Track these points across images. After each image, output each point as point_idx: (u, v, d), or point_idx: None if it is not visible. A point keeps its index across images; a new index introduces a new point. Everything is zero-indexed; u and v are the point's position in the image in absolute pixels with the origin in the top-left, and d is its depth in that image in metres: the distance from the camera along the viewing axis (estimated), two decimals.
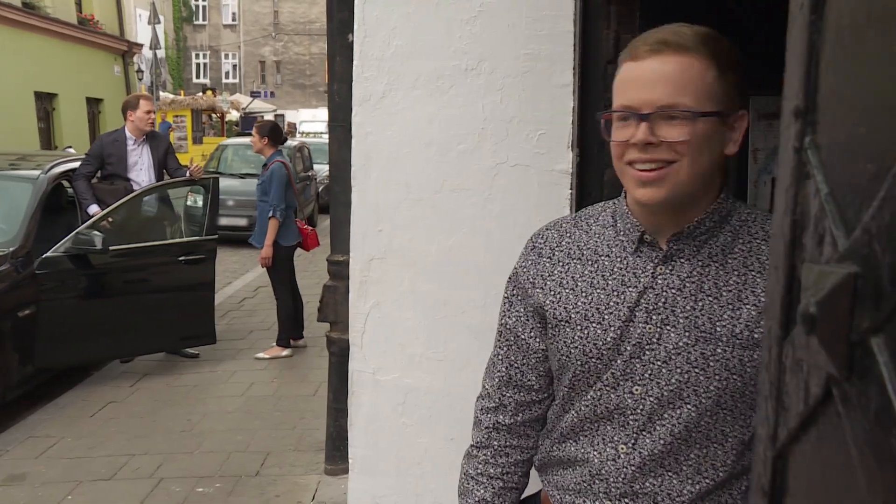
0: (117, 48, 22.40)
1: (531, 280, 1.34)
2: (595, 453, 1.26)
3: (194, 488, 3.99)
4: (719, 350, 1.17)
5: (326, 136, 6.43)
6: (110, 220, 5.69)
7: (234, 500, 3.86)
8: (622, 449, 1.23)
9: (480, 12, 1.79)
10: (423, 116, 1.81)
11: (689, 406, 1.18)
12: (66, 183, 6.34)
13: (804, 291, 0.61)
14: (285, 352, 6.29)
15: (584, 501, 1.27)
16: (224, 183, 8.65)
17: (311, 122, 36.54)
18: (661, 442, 1.20)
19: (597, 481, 1.25)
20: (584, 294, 1.27)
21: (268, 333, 7.03)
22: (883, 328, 0.52)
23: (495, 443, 1.40)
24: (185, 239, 6.28)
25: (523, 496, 1.44)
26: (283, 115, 44.25)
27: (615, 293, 1.24)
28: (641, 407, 1.21)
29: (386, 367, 1.87)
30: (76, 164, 6.25)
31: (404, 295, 1.84)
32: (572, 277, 1.29)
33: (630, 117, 1.18)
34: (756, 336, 1.15)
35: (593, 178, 1.84)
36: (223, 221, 11.61)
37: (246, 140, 17.79)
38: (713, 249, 1.21)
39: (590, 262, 1.29)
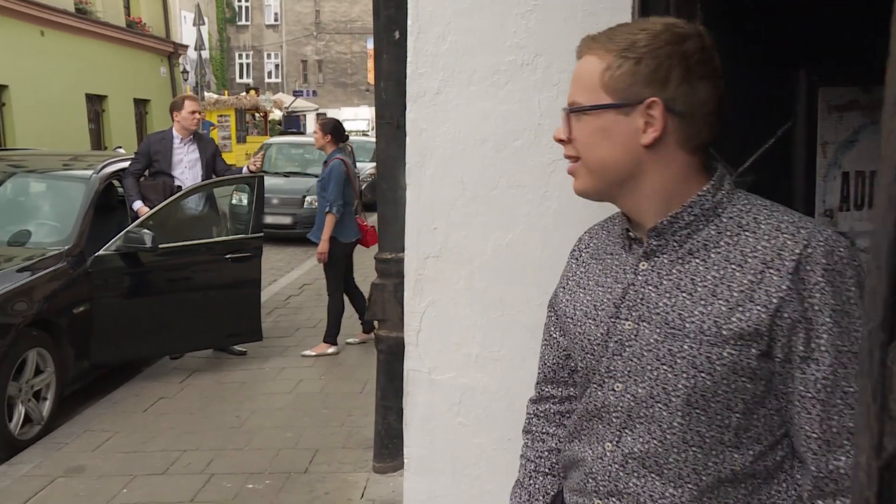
0: (163, 50, 22.79)
1: (561, 283, 1.39)
2: (589, 451, 1.27)
3: (245, 484, 4.03)
4: (686, 347, 1.14)
5: (368, 134, 6.48)
6: (159, 218, 5.77)
7: (285, 496, 3.89)
8: (608, 447, 1.23)
9: (536, 6, 1.76)
10: (478, 112, 1.79)
11: (660, 405, 1.17)
12: (116, 182, 6.46)
13: None
14: (331, 349, 6.33)
15: (583, 500, 1.28)
16: (269, 182, 8.76)
17: (352, 120, 36.77)
18: (641, 441, 1.20)
19: (589, 480, 1.26)
20: (589, 292, 1.30)
21: (314, 331, 7.09)
22: None
23: (534, 428, 1.45)
24: (231, 237, 6.34)
25: None
26: (324, 114, 44.61)
27: (609, 290, 1.26)
28: (622, 405, 1.21)
29: (442, 367, 1.85)
30: (126, 164, 6.37)
31: (460, 293, 1.82)
32: (587, 276, 1.33)
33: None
34: (725, 332, 1.12)
35: None
36: (268, 220, 11.72)
37: (290, 139, 17.99)
38: (696, 244, 1.19)
39: (600, 262, 1.32)
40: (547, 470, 1.41)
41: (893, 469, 0.61)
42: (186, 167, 6.34)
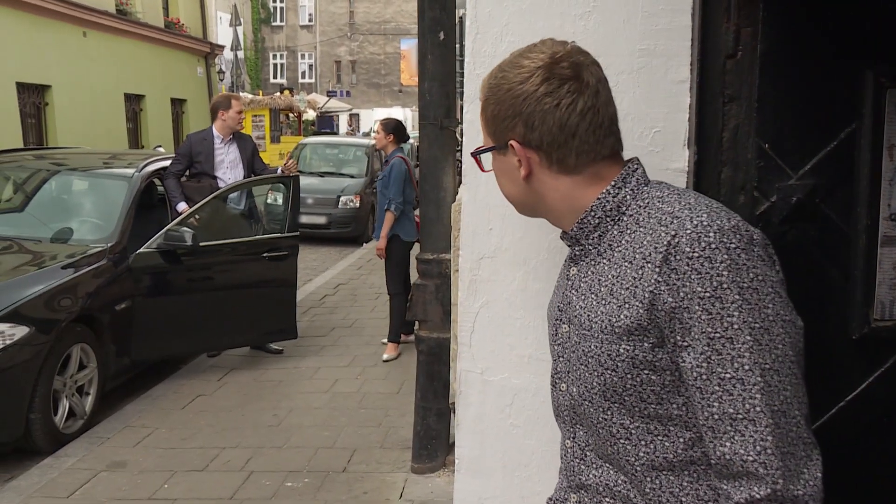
0: (200, 50, 23.07)
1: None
2: (562, 449, 1.35)
3: (284, 482, 4.06)
4: (593, 346, 1.20)
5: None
6: (197, 217, 5.84)
7: (323, 495, 3.92)
8: (568, 444, 1.32)
9: (595, 7, 1.75)
10: None
11: (586, 402, 1.23)
12: (157, 181, 6.56)
13: None
14: (398, 349, 6.31)
15: (565, 494, 1.35)
16: (304, 181, 8.78)
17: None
18: (588, 435, 1.27)
19: (562, 477, 1.35)
20: (554, 295, 1.39)
21: (350, 331, 7.13)
22: None
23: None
24: (268, 235, 6.40)
25: None
26: (357, 114, 44.89)
27: (557, 295, 1.36)
28: (566, 402, 1.30)
29: (494, 368, 1.85)
30: (166, 163, 6.45)
31: (514, 294, 1.82)
32: (558, 281, 1.41)
33: None
34: (617, 330, 1.16)
35: (710, 177, 1.78)
36: (302, 219, 11.81)
37: (325, 139, 18.12)
38: (604, 246, 1.24)
39: (565, 267, 1.38)
40: None
41: None
42: (228, 167, 6.42)
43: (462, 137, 1.95)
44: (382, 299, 8.11)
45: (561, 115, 1.21)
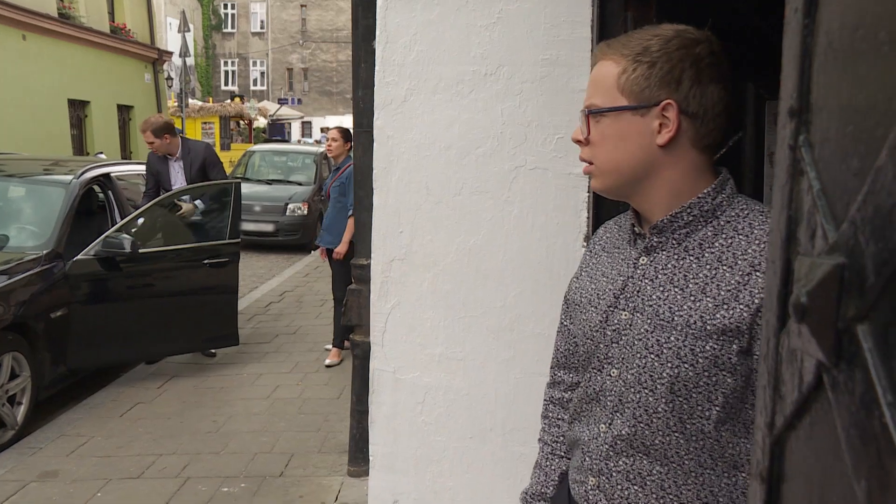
0: (148, 56, 22.73)
1: (575, 273, 1.47)
2: (587, 432, 1.35)
3: (220, 488, 4.05)
4: (672, 338, 1.21)
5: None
6: (132, 225, 5.80)
7: (259, 500, 3.92)
8: (602, 428, 1.32)
9: (499, 18, 1.83)
10: (443, 120, 1.85)
11: (646, 391, 1.25)
12: (97, 188, 6.47)
13: (796, 283, 0.63)
14: (341, 355, 6.31)
15: (580, 477, 1.36)
16: (251, 189, 8.78)
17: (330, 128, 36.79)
18: (629, 424, 1.27)
19: (586, 458, 1.34)
20: (595, 282, 1.38)
21: (294, 337, 7.12)
22: (867, 316, 0.54)
23: (550, 414, 1.53)
24: (209, 242, 6.36)
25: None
26: (310, 122, 44.64)
27: (612, 282, 1.34)
28: (615, 389, 1.29)
29: (406, 366, 1.91)
30: (106, 170, 6.39)
31: (424, 295, 1.88)
32: (596, 267, 1.40)
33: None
34: (709, 327, 1.18)
35: None
36: (250, 227, 11.76)
37: (273, 146, 17.99)
38: (692, 243, 1.25)
39: (609, 254, 1.39)
40: (562, 453, 1.50)
41: (783, 445, 0.67)
42: (181, 183, 6.39)
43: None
44: (327, 306, 8.12)
45: (719, 91, 1.23)
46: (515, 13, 1.82)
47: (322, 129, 38.10)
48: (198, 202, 6.42)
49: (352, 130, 4.27)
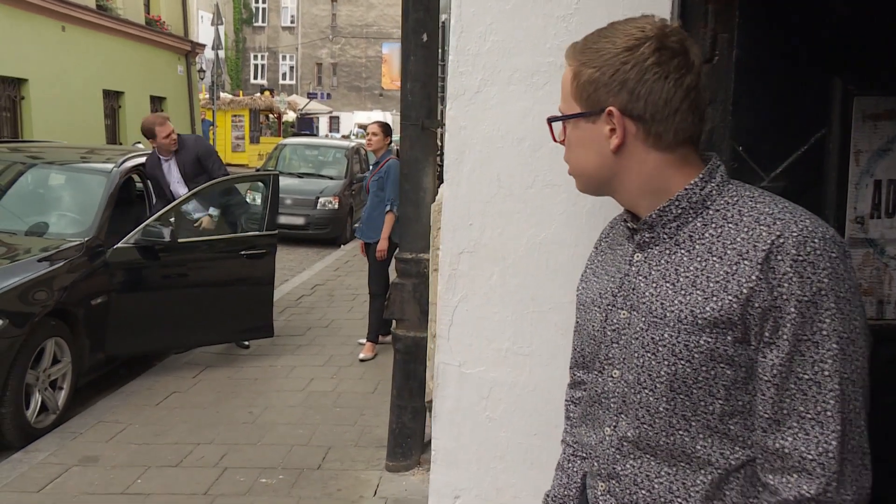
0: (181, 48, 22.91)
1: (583, 272, 1.44)
2: (594, 435, 1.33)
3: (258, 479, 4.06)
4: (666, 335, 1.19)
5: None
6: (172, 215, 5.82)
7: (298, 492, 3.92)
8: (607, 432, 1.29)
9: (577, 9, 1.80)
10: (516, 112, 1.82)
11: (646, 391, 1.22)
12: (136, 177, 6.52)
13: None
14: (375, 349, 6.32)
15: (592, 482, 1.34)
16: (282, 182, 8.75)
17: (365, 124, 37.08)
18: (633, 425, 1.24)
19: (594, 463, 1.32)
20: (599, 280, 1.36)
21: (326, 331, 7.13)
22: None
23: (571, 415, 1.51)
24: (246, 233, 6.38)
25: None
26: (338, 117, 44.83)
27: (611, 280, 1.32)
28: (618, 390, 1.27)
29: (472, 361, 1.88)
30: (145, 159, 6.43)
31: (493, 289, 1.85)
32: (601, 265, 1.38)
33: None
34: (700, 321, 1.15)
35: None
36: (281, 220, 11.76)
37: (305, 140, 18.08)
38: (683, 236, 1.22)
39: (613, 252, 1.37)
40: (584, 454, 1.45)
41: None
42: (178, 182, 6.38)
43: (444, 137, 1.98)
44: (359, 300, 8.14)
45: (668, 88, 1.20)
46: (594, 4, 1.79)
47: (359, 125, 38.22)
48: (211, 210, 6.39)
49: (391, 124, 4.25)
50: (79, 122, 16.75)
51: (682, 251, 1.21)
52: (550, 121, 1.33)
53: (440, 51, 4.64)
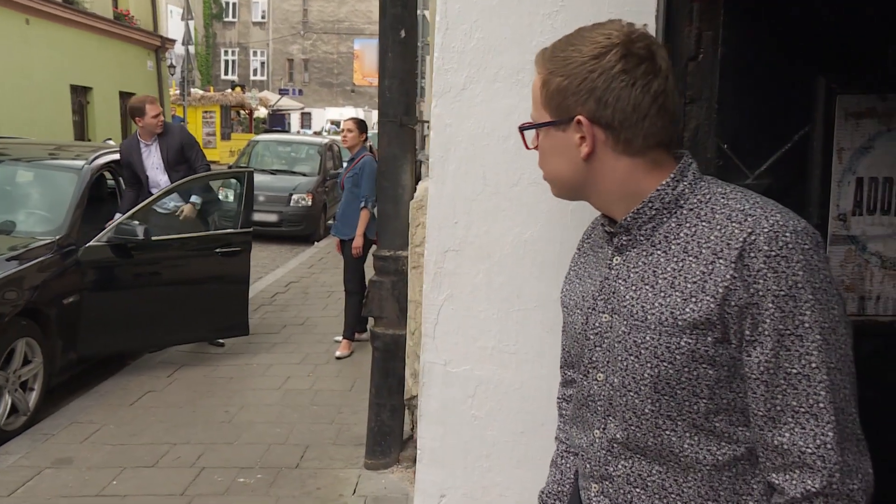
0: (150, 43, 22.62)
1: (567, 274, 1.45)
2: (584, 438, 1.34)
3: (236, 478, 4.02)
4: (648, 338, 1.19)
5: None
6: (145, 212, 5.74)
7: (276, 491, 3.89)
8: (597, 434, 1.30)
9: (563, 7, 1.79)
10: (502, 109, 1.82)
11: (631, 393, 1.23)
12: (107, 174, 6.42)
13: None
14: (352, 345, 6.29)
15: (585, 483, 1.35)
16: (255, 179, 8.66)
17: (338, 120, 36.90)
18: (621, 427, 1.25)
19: (586, 464, 1.33)
20: (581, 283, 1.37)
21: (301, 328, 7.09)
22: None
23: (564, 412, 1.53)
24: (221, 231, 6.31)
25: None
26: (309, 113, 44.56)
27: (592, 283, 1.33)
28: (603, 393, 1.28)
29: (457, 359, 1.88)
30: (116, 156, 6.32)
31: (478, 287, 1.84)
32: (583, 267, 1.39)
33: None
34: (680, 323, 1.16)
35: None
36: (254, 217, 11.66)
37: (278, 136, 17.95)
38: (659, 237, 1.23)
39: (594, 254, 1.37)
40: (576, 450, 1.45)
41: None
42: (157, 168, 6.27)
43: (428, 132, 1.97)
44: (334, 297, 8.10)
45: (636, 95, 1.20)
46: (578, 2, 1.79)
47: (331, 122, 38.06)
48: (193, 198, 6.30)
49: (365, 121, 4.23)
50: (44, 117, 16.47)
51: (659, 252, 1.22)
52: (522, 129, 1.34)
53: (418, 46, 4.62)
